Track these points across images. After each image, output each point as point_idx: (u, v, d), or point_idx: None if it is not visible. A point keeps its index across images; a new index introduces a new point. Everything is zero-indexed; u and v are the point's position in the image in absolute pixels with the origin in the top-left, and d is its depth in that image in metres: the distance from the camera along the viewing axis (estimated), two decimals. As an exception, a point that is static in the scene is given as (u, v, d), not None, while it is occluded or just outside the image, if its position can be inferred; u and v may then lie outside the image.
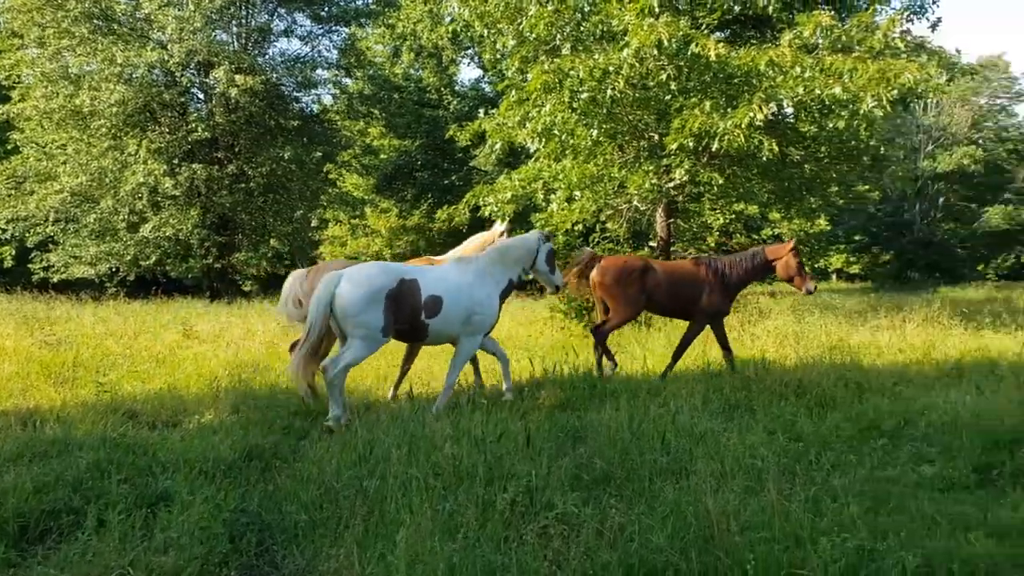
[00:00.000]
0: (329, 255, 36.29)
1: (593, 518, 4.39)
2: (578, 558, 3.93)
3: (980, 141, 51.50)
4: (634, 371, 9.92)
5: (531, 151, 14.90)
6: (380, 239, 35.64)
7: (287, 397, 8.30)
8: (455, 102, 36.89)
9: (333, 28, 31.67)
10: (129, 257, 27.11)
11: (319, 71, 31.51)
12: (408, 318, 7.34)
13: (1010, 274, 51.66)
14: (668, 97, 12.98)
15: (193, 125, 27.47)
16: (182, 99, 28.15)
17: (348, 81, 33.77)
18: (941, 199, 49.41)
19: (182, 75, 27.24)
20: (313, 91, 32.23)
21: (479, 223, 19.44)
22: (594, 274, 9.95)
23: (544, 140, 13.79)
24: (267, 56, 30.41)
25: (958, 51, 18.96)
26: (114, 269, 27.76)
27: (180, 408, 7.71)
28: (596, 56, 12.53)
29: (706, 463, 5.33)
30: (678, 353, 9.83)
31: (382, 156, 35.46)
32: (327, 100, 34.80)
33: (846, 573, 3.78)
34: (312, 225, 33.90)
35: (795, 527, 4.21)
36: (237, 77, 25.69)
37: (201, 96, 29.51)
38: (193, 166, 26.58)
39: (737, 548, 3.97)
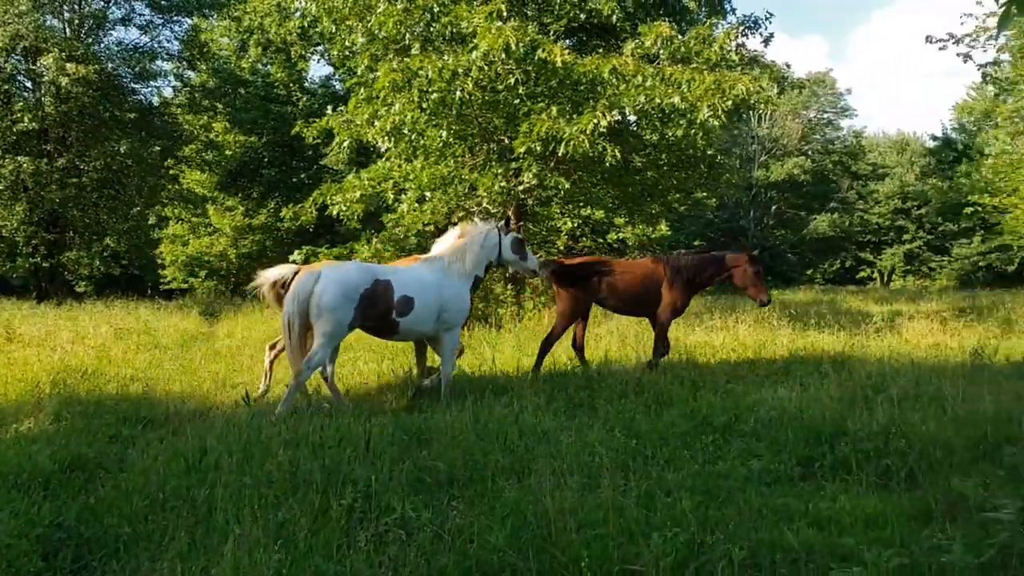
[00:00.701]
0: (169, 255, 34.82)
1: (433, 521, 4.35)
2: (415, 563, 3.88)
3: (809, 152, 54.76)
4: (483, 371, 9.94)
5: (381, 150, 14.73)
6: (224, 238, 34.41)
7: (115, 403, 7.85)
8: (304, 99, 36.02)
9: (175, 18, 30.29)
10: (-54, 255, 25.19)
11: (159, 62, 30.13)
12: (380, 316, 7.74)
13: (835, 278, 55.18)
14: (516, 101, 13.12)
15: (19, 115, 25.72)
16: (6, 87, 26.28)
17: (191, 74, 32.41)
18: (773, 207, 52.25)
19: (6, 61, 25.46)
20: (152, 83, 30.84)
21: (328, 222, 19.07)
22: (555, 278, 9.86)
23: (394, 140, 13.67)
24: (102, 44, 28.79)
25: (788, 65, 20.08)
26: (-72, 268, 25.73)
27: (-5, 417, 7.16)
28: (446, 57, 12.52)
29: (547, 462, 5.38)
30: (656, 350, 9.83)
31: (227, 152, 34.19)
32: (168, 92, 33.31)
33: (677, 567, 3.87)
34: (150, 223, 32.37)
35: (629, 523, 4.30)
36: (68, 65, 24.21)
37: (28, 84, 27.60)
38: (19, 158, 24.87)
39: (573, 545, 4.02)
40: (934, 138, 51.21)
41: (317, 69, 64.82)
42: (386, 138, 13.50)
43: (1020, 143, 26.50)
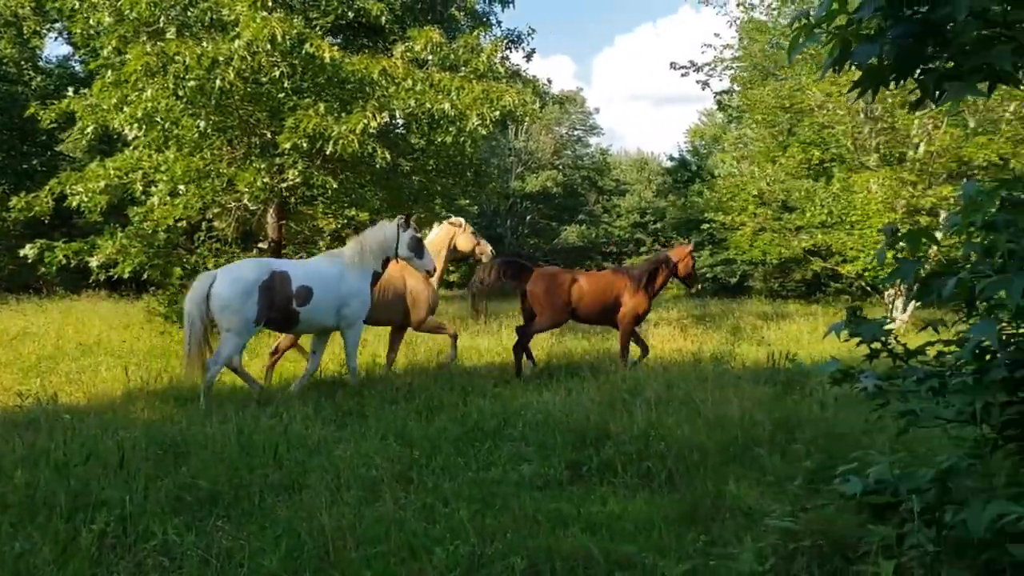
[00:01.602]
0: None
1: (197, 545, 4.01)
2: (181, 592, 3.56)
3: (561, 167, 57.27)
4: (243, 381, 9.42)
5: (129, 139, 13.62)
6: (-64, 229, 30.54)
7: None
8: (39, 79, 32.72)
9: None
10: None
11: None
12: (281, 307, 7.96)
13: (583, 285, 58.02)
14: (281, 95, 12.62)
15: None
16: None
17: (-102, 43, 28.49)
18: (528, 217, 54.11)
19: None
20: None
21: (66, 214, 17.39)
22: (527, 287, 10.30)
23: (145, 128, 12.67)
24: None
25: (549, 81, 20.86)
26: None
27: None
28: (205, 44, 11.80)
29: (321, 475, 5.16)
30: (624, 353, 10.74)
31: (-58, 133, 30.33)
32: None
33: (461, 580, 3.83)
34: None
35: (410, 537, 4.19)
36: None
37: None
38: None
39: (353, 565, 3.86)
40: (671, 159, 55.21)
41: (54, 47, 59.17)
42: (136, 125, 12.48)
43: (744, 167, 29.13)
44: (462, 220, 10.73)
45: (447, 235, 10.59)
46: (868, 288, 20.77)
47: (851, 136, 19.77)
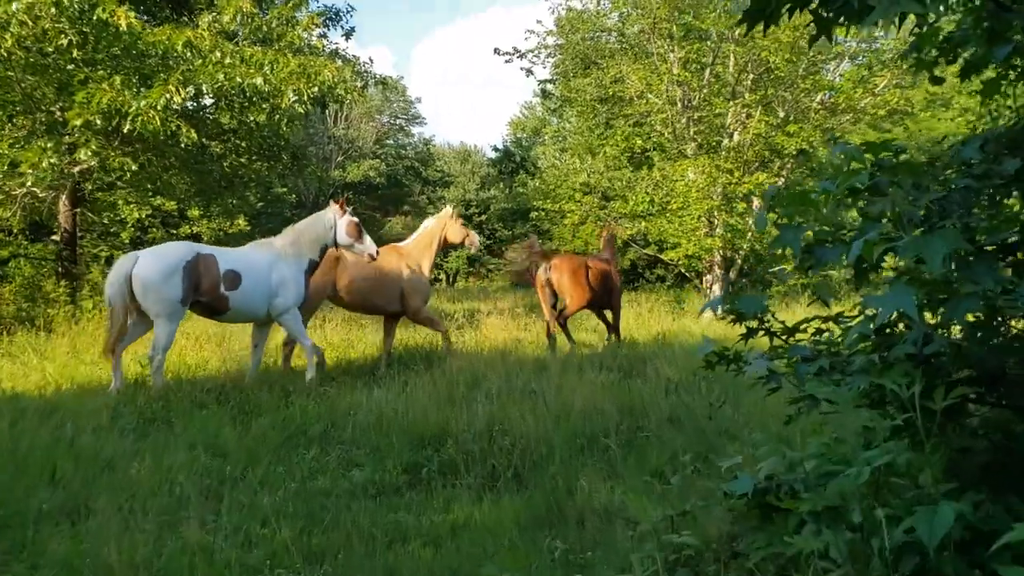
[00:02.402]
0: None
1: (-58, 597, 3.18)
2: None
3: (383, 156, 56.27)
4: (27, 387, 8.19)
5: None
6: None
7: None
8: None
9: None
10: None
11: None
12: (208, 290, 7.76)
13: (410, 278, 57.37)
14: (71, 67, 11.25)
15: None
16: None
17: None
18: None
19: None
20: None
21: None
22: (551, 275, 10.82)
23: (-97, 100, 10.98)
24: None
25: (371, 60, 19.99)
26: None
27: None
28: (-25, 5, 10.32)
29: (112, 497, 4.34)
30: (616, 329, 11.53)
31: None
32: None
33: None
34: None
35: (221, 569, 3.51)
36: None
37: None
38: None
39: (149, 609, 3.15)
40: (495, 149, 55.35)
41: None
42: None
43: (566, 158, 29.45)
44: (449, 209, 10.90)
45: (440, 225, 10.76)
46: (687, 275, 21.25)
47: (669, 125, 20.15)
